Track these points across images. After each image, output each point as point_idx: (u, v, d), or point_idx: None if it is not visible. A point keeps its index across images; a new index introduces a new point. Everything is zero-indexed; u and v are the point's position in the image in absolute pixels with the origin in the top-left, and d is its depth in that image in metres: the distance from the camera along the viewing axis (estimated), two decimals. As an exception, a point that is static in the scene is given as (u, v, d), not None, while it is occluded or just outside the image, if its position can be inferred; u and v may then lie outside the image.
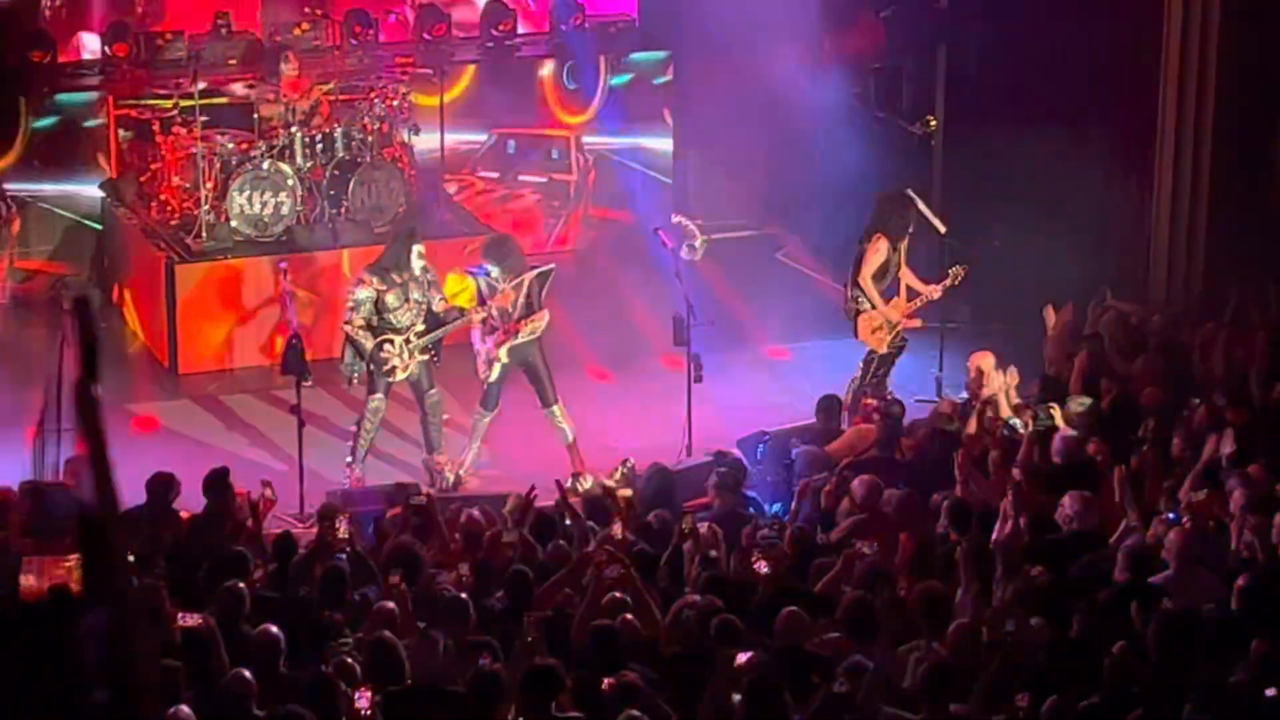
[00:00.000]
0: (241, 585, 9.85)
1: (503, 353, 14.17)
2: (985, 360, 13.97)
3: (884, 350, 15.04)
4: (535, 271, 14.32)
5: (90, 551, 2.72)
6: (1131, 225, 16.72)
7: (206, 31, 18.64)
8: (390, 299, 14.07)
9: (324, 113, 16.94)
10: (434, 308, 14.22)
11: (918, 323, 15.17)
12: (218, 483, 12.01)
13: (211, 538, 11.42)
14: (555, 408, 14.34)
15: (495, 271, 14.14)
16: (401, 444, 14.89)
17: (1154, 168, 16.39)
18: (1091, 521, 10.81)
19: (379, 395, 14.16)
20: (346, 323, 14.14)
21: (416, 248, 14.12)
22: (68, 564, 7.98)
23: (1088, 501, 10.85)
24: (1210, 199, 16.20)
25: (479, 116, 19.08)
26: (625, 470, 13.75)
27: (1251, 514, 10.64)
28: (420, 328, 14.13)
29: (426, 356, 14.20)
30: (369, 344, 14.01)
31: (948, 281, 14.98)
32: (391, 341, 14.05)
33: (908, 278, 15.07)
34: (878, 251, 14.90)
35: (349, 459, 14.23)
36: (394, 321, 14.08)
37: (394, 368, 14.08)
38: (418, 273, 14.10)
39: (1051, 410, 13.16)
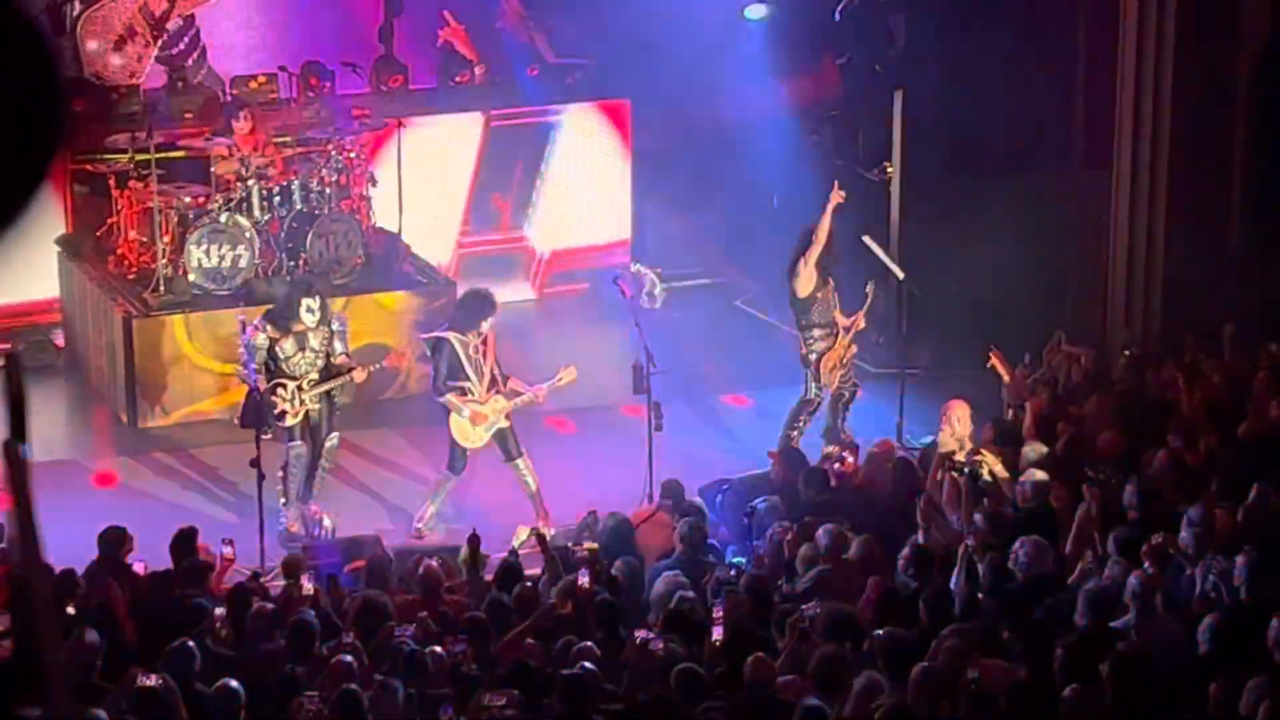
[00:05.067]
0: (193, 644, 9.81)
1: (490, 419, 14.10)
2: (958, 409, 13.95)
3: (834, 389, 15.11)
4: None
5: (19, 614, 2.71)
6: (1089, 268, 16.78)
7: (162, 85, 18.67)
8: (286, 346, 14.12)
9: (279, 166, 16.92)
10: (333, 359, 14.26)
11: (853, 349, 15.18)
12: (185, 541, 11.95)
13: (174, 594, 11.36)
14: (520, 460, 14.30)
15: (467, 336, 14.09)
16: (365, 496, 14.86)
17: (1111, 210, 16.45)
18: (1045, 566, 10.81)
19: (298, 442, 14.18)
20: (240, 366, 14.16)
21: (306, 301, 14.14)
22: None
23: (1039, 546, 10.86)
24: (1167, 241, 16.26)
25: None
26: (590, 523, 13.66)
27: (1214, 557, 10.64)
28: (314, 376, 14.16)
29: (319, 405, 14.22)
30: (262, 386, 14.02)
31: (866, 304, 15.06)
32: (284, 386, 14.07)
33: (840, 320, 15.08)
34: (807, 278, 14.91)
35: (281, 501, 14.22)
36: (289, 369, 14.12)
37: (284, 412, 14.10)
38: (313, 324, 14.13)
39: (979, 459, 13.07)
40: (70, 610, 10.60)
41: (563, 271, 19.58)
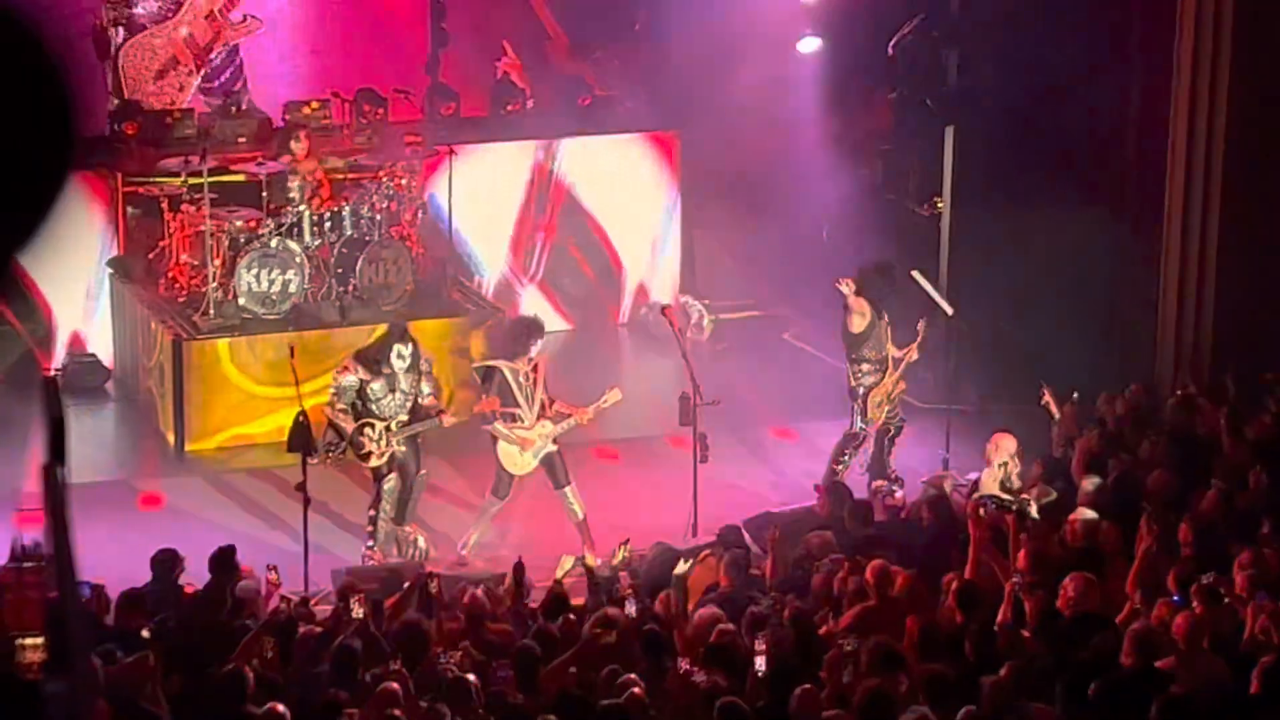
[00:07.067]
0: (246, 668, 9.81)
1: (537, 444, 14.10)
2: (1004, 440, 13.90)
3: (880, 423, 15.09)
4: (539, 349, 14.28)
5: (54, 634, 2.71)
6: (1139, 307, 16.70)
7: (216, 110, 18.75)
8: (376, 387, 14.09)
9: (325, 192, 16.97)
10: (421, 400, 14.23)
11: (901, 385, 15.16)
12: (224, 561, 11.97)
13: (214, 615, 11.38)
14: (568, 489, 14.29)
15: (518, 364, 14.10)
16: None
17: (1161, 248, 16.37)
18: (1092, 603, 10.74)
19: (392, 476, 14.15)
20: (328, 405, 14.15)
21: (398, 347, 14.13)
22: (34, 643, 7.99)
23: (1088, 583, 10.79)
24: (1218, 281, 16.18)
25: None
26: (626, 552, 13.61)
27: (1264, 598, 10.56)
28: (404, 417, 14.13)
29: (405, 446, 14.18)
30: (349, 427, 14.02)
31: (919, 338, 15.04)
32: (372, 426, 14.05)
33: (892, 352, 15.09)
34: (860, 313, 14.92)
35: (369, 543, 14.18)
36: (378, 410, 14.10)
37: (369, 453, 14.08)
38: (402, 370, 14.10)
39: (1019, 498, 13.01)
40: (145, 634, 10.64)
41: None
